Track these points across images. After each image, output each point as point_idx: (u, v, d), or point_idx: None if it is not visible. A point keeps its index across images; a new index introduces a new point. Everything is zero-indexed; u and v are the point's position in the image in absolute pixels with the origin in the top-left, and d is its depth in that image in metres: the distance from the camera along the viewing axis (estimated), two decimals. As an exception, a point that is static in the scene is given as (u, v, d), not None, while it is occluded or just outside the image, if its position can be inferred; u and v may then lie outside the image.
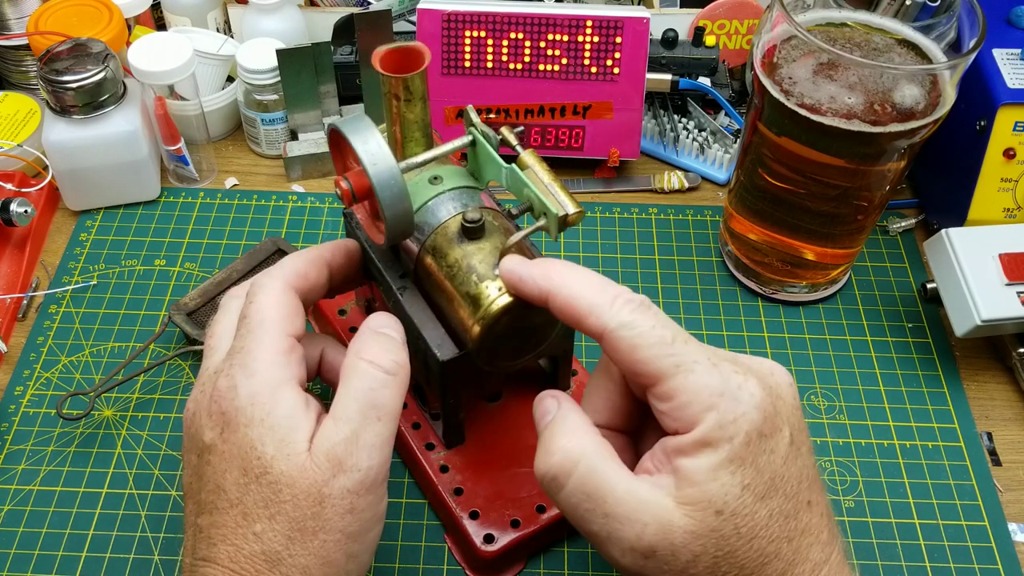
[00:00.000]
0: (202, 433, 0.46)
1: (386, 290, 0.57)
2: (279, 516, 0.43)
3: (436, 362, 0.53)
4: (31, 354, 0.68)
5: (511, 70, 0.77)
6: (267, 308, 0.48)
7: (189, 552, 0.46)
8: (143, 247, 0.76)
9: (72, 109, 0.72)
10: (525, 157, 0.52)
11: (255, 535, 0.43)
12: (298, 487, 0.43)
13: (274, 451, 0.43)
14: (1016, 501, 0.62)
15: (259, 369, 0.45)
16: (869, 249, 0.77)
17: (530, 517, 0.57)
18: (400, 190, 0.49)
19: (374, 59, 0.51)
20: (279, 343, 0.47)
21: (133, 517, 0.60)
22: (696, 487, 0.41)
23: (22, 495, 0.61)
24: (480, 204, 0.54)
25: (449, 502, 0.57)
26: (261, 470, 0.43)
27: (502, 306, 0.49)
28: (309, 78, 0.78)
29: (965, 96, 0.66)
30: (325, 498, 0.43)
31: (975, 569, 0.59)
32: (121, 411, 0.65)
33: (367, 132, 0.49)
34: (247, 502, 0.43)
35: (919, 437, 0.65)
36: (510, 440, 0.60)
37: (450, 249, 0.52)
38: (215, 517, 0.44)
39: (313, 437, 0.44)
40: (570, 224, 0.50)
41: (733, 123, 0.84)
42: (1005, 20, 0.74)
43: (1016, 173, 0.71)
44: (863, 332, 0.72)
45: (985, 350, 0.71)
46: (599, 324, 0.43)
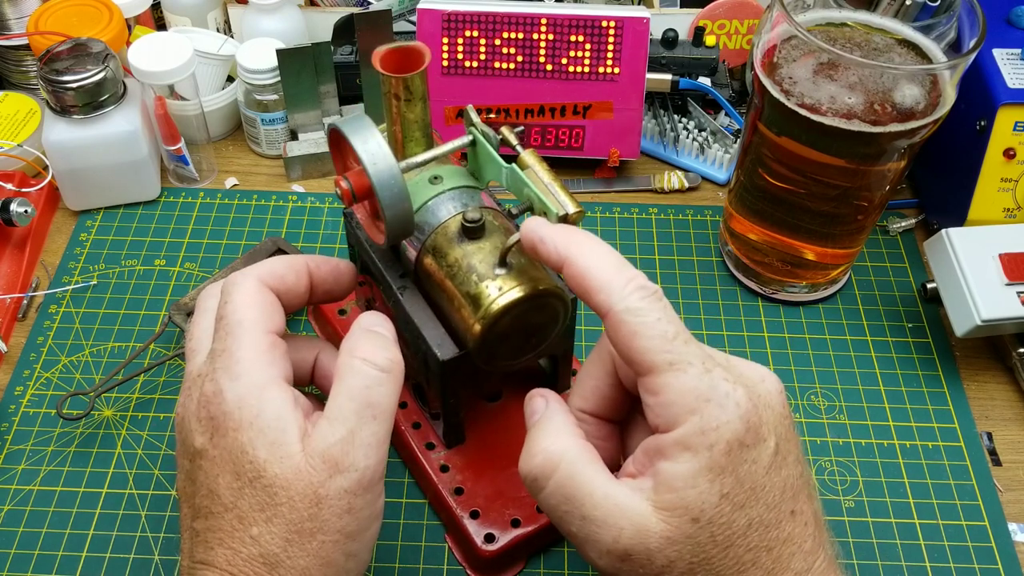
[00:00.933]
0: (192, 438, 0.46)
1: (386, 290, 0.56)
2: (276, 519, 0.43)
3: (436, 362, 0.53)
4: (31, 354, 0.68)
5: (511, 70, 0.77)
6: (243, 307, 0.47)
7: (187, 555, 0.46)
8: (143, 247, 0.76)
9: (72, 109, 0.72)
10: (525, 157, 0.52)
11: (252, 538, 0.43)
12: (294, 489, 0.43)
13: (266, 454, 0.43)
14: (1016, 501, 0.62)
15: (243, 371, 0.45)
16: (869, 249, 0.77)
17: (530, 516, 0.57)
18: (400, 190, 0.49)
19: (374, 59, 0.51)
20: (260, 342, 0.46)
21: (133, 517, 0.60)
22: (674, 493, 0.41)
23: (22, 495, 0.61)
24: (480, 204, 0.54)
25: (449, 502, 0.57)
26: (255, 474, 0.43)
27: (502, 305, 0.49)
28: (309, 78, 0.78)
29: (965, 96, 0.66)
30: (322, 499, 0.43)
31: (975, 569, 0.59)
32: (121, 411, 0.65)
33: (367, 132, 0.49)
34: (242, 506, 0.43)
35: (919, 437, 0.65)
36: (510, 439, 0.60)
37: (450, 249, 0.52)
38: (211, 521, 0.44)
39: (306, 437, 0.44)
40: (570, 224, 0.50)
41: (733, 123, 0.84)
42: (1005, 20, 0.74)
43: (1016, 173, 0.71)
44: (863, 332, 0.72)
45: (985, 350, 0.71)
46: (607, 302, 0.43)
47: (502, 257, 0.50)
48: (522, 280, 0.50)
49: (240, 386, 0.45)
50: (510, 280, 0.50)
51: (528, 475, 0.44)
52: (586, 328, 0.70)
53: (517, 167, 0.52)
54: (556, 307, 0.53)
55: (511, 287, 0.50)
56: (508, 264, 0.51)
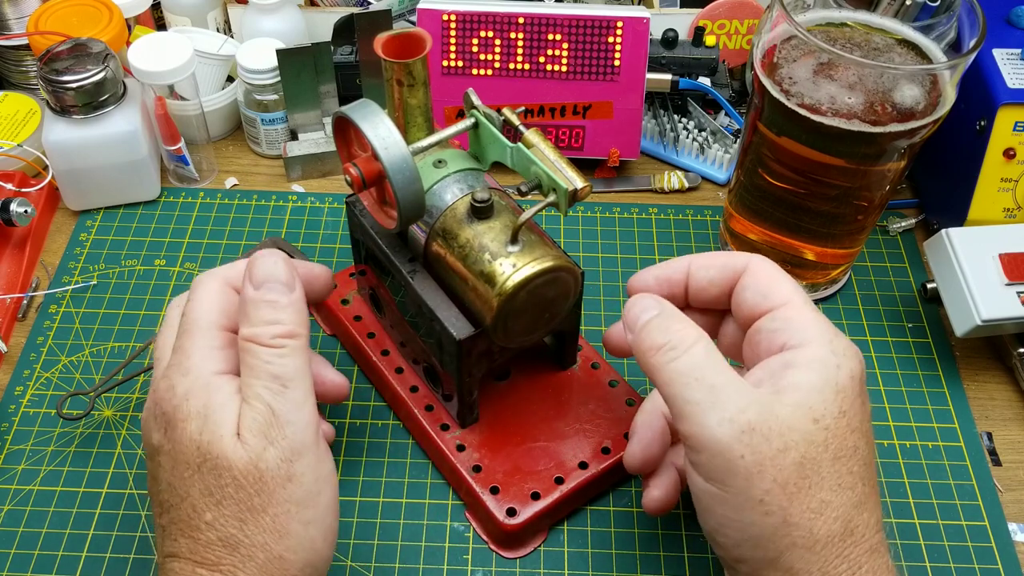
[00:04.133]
0: (151, 436, 0.48)
1: (395, 275, 0.57)
2: (225, 501, 0.44)
3: (452, 341, 0.54)
4: (31, 354, 0.68)
5: (511, 70, 0.77)
6: (201, 306, 0.49)
7: (159, 551, 0.47)
8: (143, 247, 0.76)
9: (72, 109, 0.72)
10: (529, 136, 0.52)
11: (207, 524, 0.45)
12: (236, 469, 0.44)
13: (209, 438, 0.45)
14: (1016, 501, 0.62)
15: (192, 366, 0.47)
16: (869, 249, 0.77)
17: (549, 488, 0.58)
18: (412, 173, 0.50)
19: (376, 45, 0.51)
20: (213, 340, 0.48)
21: (133, 517, 0.60)
22: (800, 393, 0.44)
23: (22, 495, 0.61)
24: (486, 185, 0.55)
25: (468, 480, 0.58)
26: (201, 459, 0.45)
27: (518, 281, 0.50)
28: (309, 78, 0.78)
29: (965, 96, 0.66)
30: (263, 473, 0.45)
31: (975, 569, 0.59)
32: (121, 411, 0.65)
33: (376, 117, 0.50)
34: (194, 494, 0.45)
35: (919, 437, 0.65)
36: (521, 416, 0.61)
37: (460, 230, 0.53)
38: (172, 514, 0.46)
39: (240, 419, 0.46)
40: (579, 199, 0.51)
41: (733, 123, 0.84)
42: (1005, 20, 0.73)
43: (1016, 173, 0.71)
44: (863, 332, 0.72)
45: (985, 350, 0.71)
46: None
47: (514, 235, 0.51)
48: (535, 256, 0.51)
49: (189, 380, 0.47)
50: (523, 256, 0.51)
51: (664, 344, 0.46)
52: (588, 313, 0.70)
53: (523, 145, 0.52)
54: (568, 281, 0.54)
55: (525, 263, 0.51)
56: (520, 241, 0.52)
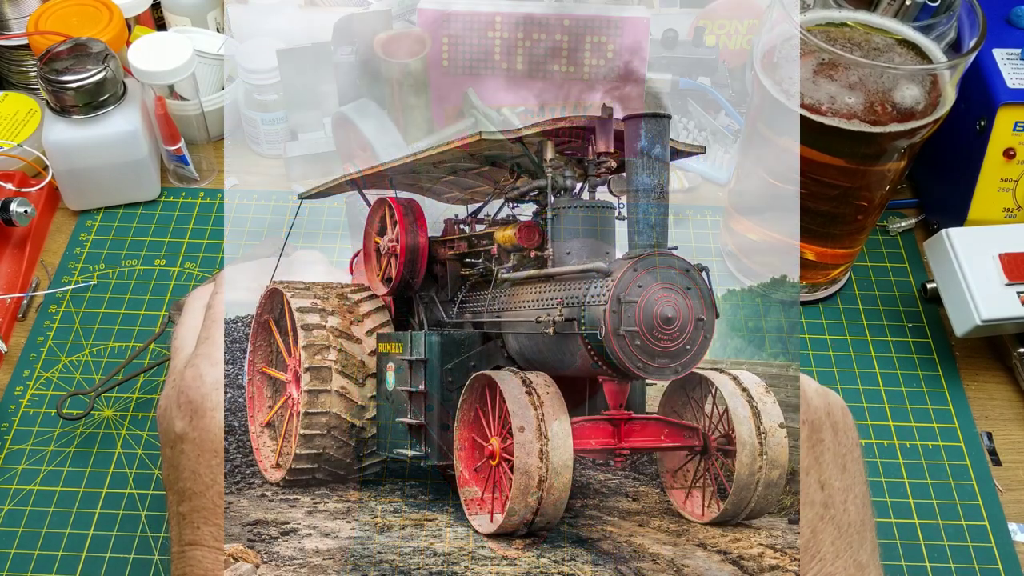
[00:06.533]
0: (173, 425, 0.48)
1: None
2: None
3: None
4: (31, 354, 0.68)
5: (511, 70, 0.77)
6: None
7: (175, 541, 0.47)
8: (143, 247, 0.76)
9: (72, 109, 0.72)
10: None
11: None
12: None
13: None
14: (1016, 501, 0.62)
15: (222, 358, 0.47)
16: (869, 249, 0.77)
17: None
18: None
19: (376, 45, 0.51)
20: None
21: (133, 517, 0.60)
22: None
23: (22, 495, 0.61)
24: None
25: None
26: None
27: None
28: (309, 78, 0.78)
29: (965, 96, 0.66)
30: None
31: (975, 569, 0.59)
32: (121, 411, 0.65)
33: (376, 117, 0.50)
34: (220, 482, 0.45)
35: (919, 437, 0.65)
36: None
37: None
38: (195, 502, 0.46)
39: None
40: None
41: (733, 123, 0.84)
42: (1005, 20, 0.73)
43: (1016, 173, 0.71)
44: (863, 332, 0.72)
45: (985, 350, 0.71)
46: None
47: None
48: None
49: (218, 371, 0.47)
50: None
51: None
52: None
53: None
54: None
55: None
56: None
